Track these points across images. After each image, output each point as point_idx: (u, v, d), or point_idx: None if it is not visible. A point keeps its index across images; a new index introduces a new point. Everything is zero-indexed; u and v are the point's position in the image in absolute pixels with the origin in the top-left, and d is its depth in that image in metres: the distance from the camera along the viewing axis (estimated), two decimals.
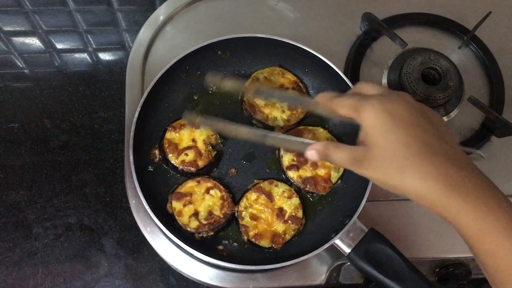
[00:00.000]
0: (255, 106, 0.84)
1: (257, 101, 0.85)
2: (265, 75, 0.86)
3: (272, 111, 0.84)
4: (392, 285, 0.67)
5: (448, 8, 1.01)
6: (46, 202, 0.86)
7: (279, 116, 0.84)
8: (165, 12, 0.95)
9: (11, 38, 1.01)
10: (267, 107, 0.84)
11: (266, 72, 0.86)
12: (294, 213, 0.77)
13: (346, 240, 0.71)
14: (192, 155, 0.79)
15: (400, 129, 0.48)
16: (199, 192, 0.77)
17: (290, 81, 0.86)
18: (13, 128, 0.92)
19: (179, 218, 0.75)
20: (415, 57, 0.89)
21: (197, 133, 0.81)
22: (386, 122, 0.48)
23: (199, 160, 0.79)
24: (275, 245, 0.75)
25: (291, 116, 0.84)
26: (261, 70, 0.87)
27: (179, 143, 0.80)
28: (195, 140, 0.81)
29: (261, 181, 0.80)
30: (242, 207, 0.78)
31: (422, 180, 0.46)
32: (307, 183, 0.79)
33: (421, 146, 0.47)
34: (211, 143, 0.82)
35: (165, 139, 0.80)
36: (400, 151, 0.47)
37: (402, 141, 0.47)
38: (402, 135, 0.47)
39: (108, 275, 0.83)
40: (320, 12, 0.99)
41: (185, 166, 0.79)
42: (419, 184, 0.46)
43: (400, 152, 0.47)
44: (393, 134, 0.48)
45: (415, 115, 0.49)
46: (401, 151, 0.47)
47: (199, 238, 0.76)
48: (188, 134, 0.80)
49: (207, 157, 0.80)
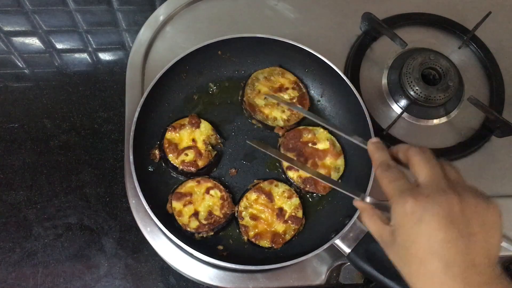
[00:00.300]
0: (255, 106, 0.84)
1: (257, 101, 0.85)
2: (265, 75, 0.86)
3: (272, 111, 0.84)
4: (392, 285, 0.66)
5: (448, 8, 1.01)
6: (46, 202, 0.86)
7: (279, 116, 0.84)
8: (165, 12, 0.95)
9: (11, 38, 1.01)
10: (267, 107, 0.84)
11: (266, 72, 0.86)
12: (294, 213, 0.77)
13: (346, 240, 0.71)
14: (192, 155, 0.79)
15: (432, 238, 0.45)
16: (199, 192, 0.77)
17: (290, 81, 0.86)
18: (13, 128, 0.92)
19: (179, 218, 0.75)
20: (415, 57, 0.89)
21: (197, 133, 0.81)
22: (410, 234, 0.46)
23: (199, 160, 0.79)
24: (275, 245, 0.75)
25: (291, 116, 0.84)
26: (261, 70, 0.87)
27: (179, 143, 0.80)
28: (195, 140, 0.80)
29: (261, 181, 0.80)
30: (242, 207, 0.78)
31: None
32: (307, 183, 0.79)
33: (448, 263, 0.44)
34: (211, 143, 0.82)
35: (165, 139, 0.80)
36: (426, 255, 0.45)
37: (431, 250, 0.45)
38: (434, 243, 0.45)
39: (108, 275, 0.83)
40: (320, 12, 0.99)
41: (185, 166, 0.79)
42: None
43: (422, 268, 0.46)
44: (415, 246, 0.46)
45: (452, 228, 0.45)
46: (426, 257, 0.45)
47: (199, 238, 0.76)
48: (188, 134, 0.80)
49: (207, 157, 0.80)
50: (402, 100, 0.91)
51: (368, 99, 0.90)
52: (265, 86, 0.85)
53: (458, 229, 0.45)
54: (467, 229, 0.45)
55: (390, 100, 0.92)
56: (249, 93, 0.85)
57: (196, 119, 0.81)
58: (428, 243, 0.45)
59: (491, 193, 0.85)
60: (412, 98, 0.88)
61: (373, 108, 0.91)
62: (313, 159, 0.81)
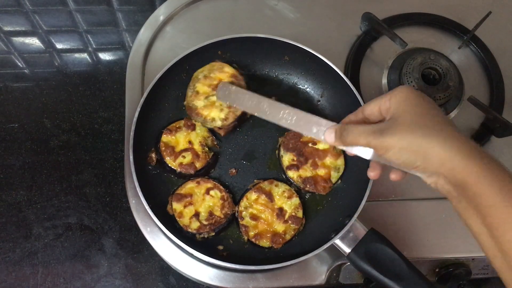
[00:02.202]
0: (194, 109, 0.81)
1: (196, 103, 0.81)
2: (205, 73, 0.83)
3: (211, 112, 0.80)
4: (392, 285, 0.67)
5: (448, 8, 1.01)
6: (46, 202, 0.86)
7: (217, 116, 0.80)
8: (165, 12, 0.95)
9: (11, 38, 1.01)
10: (206, 108, 0.80)
11: (206, 70, 0.83)
12: (294, 213, 0.77)
13: (346, 240, 0.71)
14: (189, 157, 0.79)
15: (425, 105, 0.56)
16: (199, 193, 0.77)
17: (229, 75, 0.82)
18: (13, 128, 0.92)
19: (180, 220, 0.75)
20: (415, 57, 0.89)
21: (193, 135, 0.81)
22: (414, 98, 0.56)
23: (196, 161, 0.79)
24: (275, 245, 0.75)
25: (229, 114, 0.80)
26: (201, 68, 0.83)
27: (175, 145, 0.80)
28: (192, 142, 0.80)
29: (261, 181, 0.80)
30: (242, 207, 0.78)
31: (446, 145, 0.51)
32: (307, 183, 0.79)
33: (445, 120, 0.55)
34: (208, 144, 0.82)
35: (161, 142, 0.80)
36: (428, 120, 0.53)
37: (430, 113, 0.54)
38: (429, 109, 0.55)
39: (108, 275, 0.83)
40: (320, 12, 0.99)
41: (183, 168, 0.78)
42: (443, 149, 0.51)
43: (428, 121, 0.53)
44: (420, 107, 0.55)
45: (430, 100, 0.58)
46: (428, 121, 0.53)
47: (200, 239, 0.76)
48: (184, 137, 0.80)
49: (204, 158, 0.80)
50: None
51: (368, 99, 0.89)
52: (205, 85, 0.81)
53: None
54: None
55: None
56: (189, 95, 0.81)
57: (191, 121, 0.81)
58: (430, 105, 0.56)
59: None
60: None
61: None
62: (313, 159, 0.81)
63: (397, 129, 0.54)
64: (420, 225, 0.82)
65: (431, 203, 0.83)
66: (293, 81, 0.89)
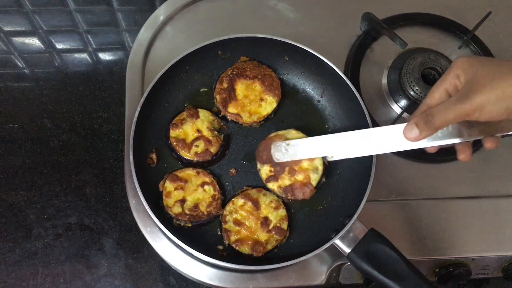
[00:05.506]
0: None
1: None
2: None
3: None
4: (392, 285, 0.67)
5: (448, 8, 1.01)
6: (46, 202, 0.86)
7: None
8: (165, 12, 0.95)
9: (11, 38, 1.01)
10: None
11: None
12: (279, 224, 0.77)
13: (346, 240, 0.71)
14: (202, 145, 0.80)
15: (489, 58, 0.61)
16: (194, 183, 0.78)
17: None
18: (13, 128, 0.92)
19: (165, 199, 0.76)
20: (415, 57, 0.89)
21: (199, 122, 0.81)
22: (475, 58, 0.56)
23: (210, 147, 0.80)
24: (255, 253, 0.74)
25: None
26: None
27: (185, 137, 0.80)
28: (200, 130, 0.81)
29: (249, 188, 0.80)
30: (227, 211, 0.77)
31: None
32: (288, 192, 0.78)
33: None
34: (215, 128, 0.82)
35: (170, 138, 0.80)
36: (507, 64, 0.53)
37: (501, 61, 0.55)
38: (495, 60, 0.57)
39: (108, 275, 0.83)
40: (320, 12, 0.99)
41: (199, 157, 0.79)
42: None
43: (508, 65, 0.53)
44: (487, 60, 0.56)
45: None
46: (507, 64, 0.53)
47: (176, 224, 0.76)
48: (191, 127, 0.81)
49: (217, 142, 0.80)
50: (402, 100, 0.91)
51: (368, 99, 0.90)
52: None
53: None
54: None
55: (390, 100, 0.92)
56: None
57: (193, 109, 0.81)
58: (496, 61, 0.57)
59: (491, 193, 0.85)
60: (412, 98, 0.88)
61: (373, 108, 0.91)
62: (289, 166, 0.78)
63: (481, 85, 0.52)
64: (420, 225, 0.81)
65: (431, 203, 0.83)
66: (293, 81, 0.89)
